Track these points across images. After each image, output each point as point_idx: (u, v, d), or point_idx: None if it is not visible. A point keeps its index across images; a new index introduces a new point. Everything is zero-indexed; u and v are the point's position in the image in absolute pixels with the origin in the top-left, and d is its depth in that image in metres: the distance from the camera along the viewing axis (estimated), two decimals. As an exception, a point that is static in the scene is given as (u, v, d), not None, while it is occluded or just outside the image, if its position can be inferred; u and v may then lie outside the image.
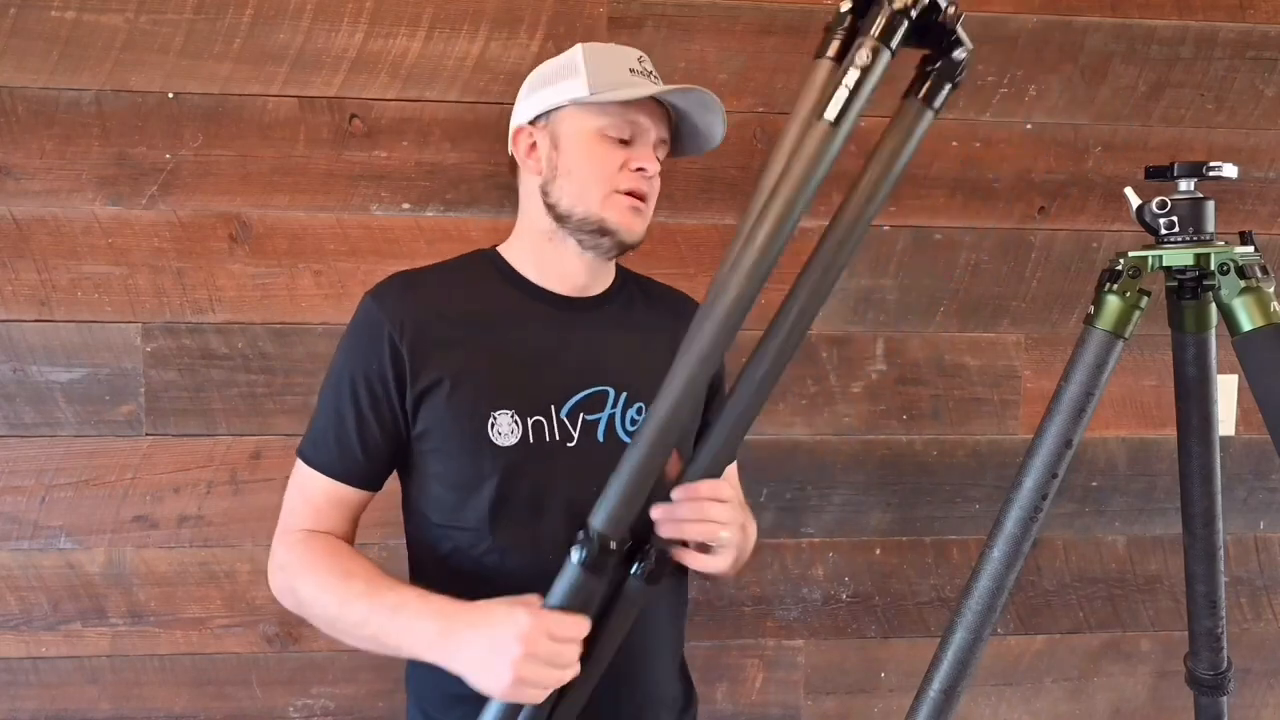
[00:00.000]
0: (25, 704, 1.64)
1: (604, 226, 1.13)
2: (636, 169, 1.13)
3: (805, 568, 1.79)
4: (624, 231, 1.13)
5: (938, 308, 1.78)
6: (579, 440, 1.12)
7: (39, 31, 1.56)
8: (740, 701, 1.79)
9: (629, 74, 1.14)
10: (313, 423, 1.14)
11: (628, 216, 1.13)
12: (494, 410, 1.09)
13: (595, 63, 1.14)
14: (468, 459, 1.10)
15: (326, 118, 1.62)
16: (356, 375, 1.11)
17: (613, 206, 1.13)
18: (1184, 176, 1.16)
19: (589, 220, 1.13)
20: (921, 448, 1.80)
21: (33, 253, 1.58)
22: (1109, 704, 1.88)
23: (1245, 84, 1.81)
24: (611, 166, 1.12)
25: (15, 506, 1.61)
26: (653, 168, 1.14)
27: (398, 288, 1.15)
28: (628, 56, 1.17)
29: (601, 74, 1.13)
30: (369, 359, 1.10)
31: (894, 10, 0.91)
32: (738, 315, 0.92)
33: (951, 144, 1.75)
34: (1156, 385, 1.82)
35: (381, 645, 1.01)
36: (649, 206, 1.16)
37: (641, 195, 1.14)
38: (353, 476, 1.12)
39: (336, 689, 1.68)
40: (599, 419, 1.14)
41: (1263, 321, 1.11)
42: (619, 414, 1.15)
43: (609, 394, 1.14)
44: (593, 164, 1.13)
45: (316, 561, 1.07)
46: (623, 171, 1.13)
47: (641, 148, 1.14)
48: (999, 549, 1.13)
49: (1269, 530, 1.89)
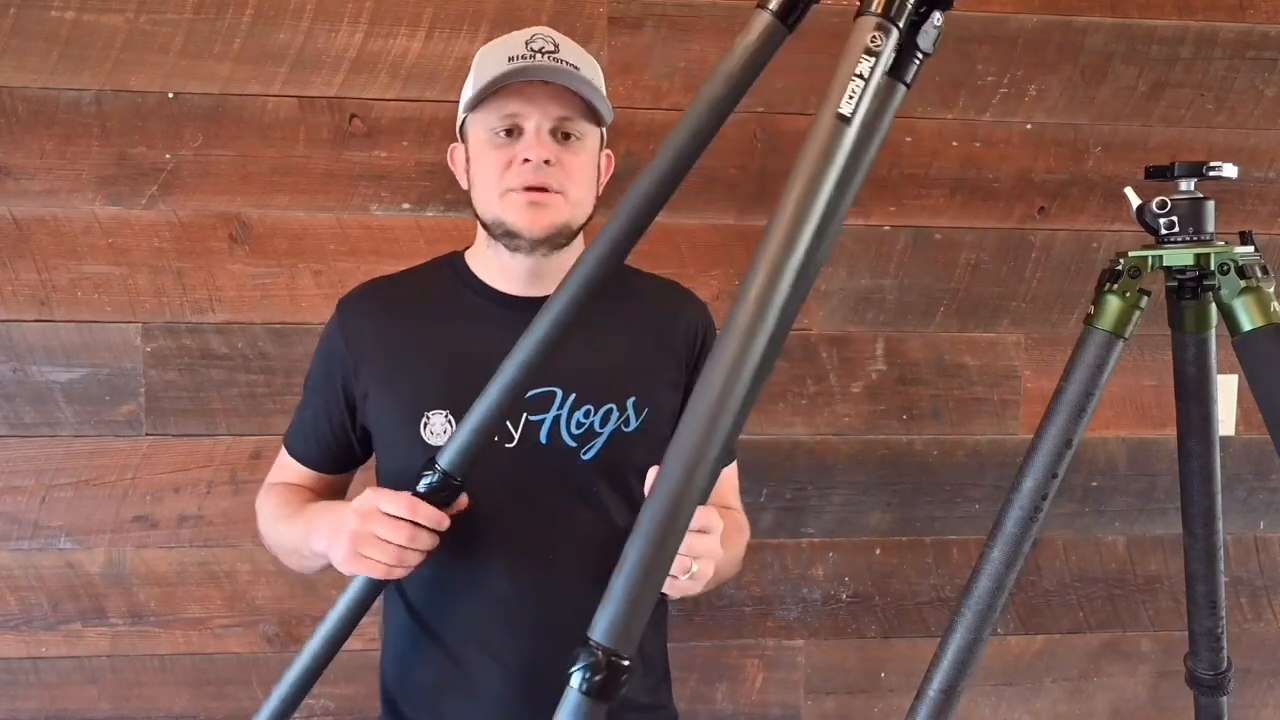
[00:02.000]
0: (25, 704, 1.64)
1: (507, 228, 1.12)
2: (524, 160, 1.10)
3: (805, 568, 1.79)
4: (525, 229, 1.11)
5: (938, 308, 1.78)
6: (520, 441, 1.12)
7: (39, 31, 1.56)
8: (740, 701, 1.79)
9: (507, 62, 1.10)
10: (296, 415, 1.27)
11: (525, 214, 1.10)
12: (427, 410, 1.12)
13: (481, 62, 1.14)
14: (402, 458, 1.13)
15: (326, 118, 1.62)
16: (316, 376, 1.23)
17: (509, 206, 1.11)
18: (1184, 176, 1.16)
19: (495, 224, 1.13)
20: (921, 448, 1.80)
21: (33, 253, 1.58)
22: (1109, 704, 1.88)
23: (1245, 84, 1.81)
24: (499, 166, 1.11)
25: (15, 506, 1.61)
26: (536, 155, 1.09)
27: (359, 294, 1.22)
28: (514, 43, 1.13)
29: (483, 73, 1.11)
30: (327, 362, 1.20)
31: None
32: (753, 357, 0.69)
33: (951, 144, 1.75)
34: (1156, 385, 1.81)
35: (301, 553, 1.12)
36: (557, 195, 1.11)
37: (537, 187, 1.09)
38: (319, 464, 1.24)
39: (336, 689, 1.68)
40: (543, 419, 1.13)
41: (1263, 321, 1.11)
42: (565, 415, 1.14)
43: (556, 394, 1.13)
44: (485, 168, 1.12)
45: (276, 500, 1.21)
46: (511, 168, 1.10)
47: (527, 136, 1.10)
48: (999, 549, 1.13)
49: (1269, 530, 1.89)
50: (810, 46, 1.72)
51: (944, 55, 1.73)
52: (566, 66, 1.10)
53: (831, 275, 1.75)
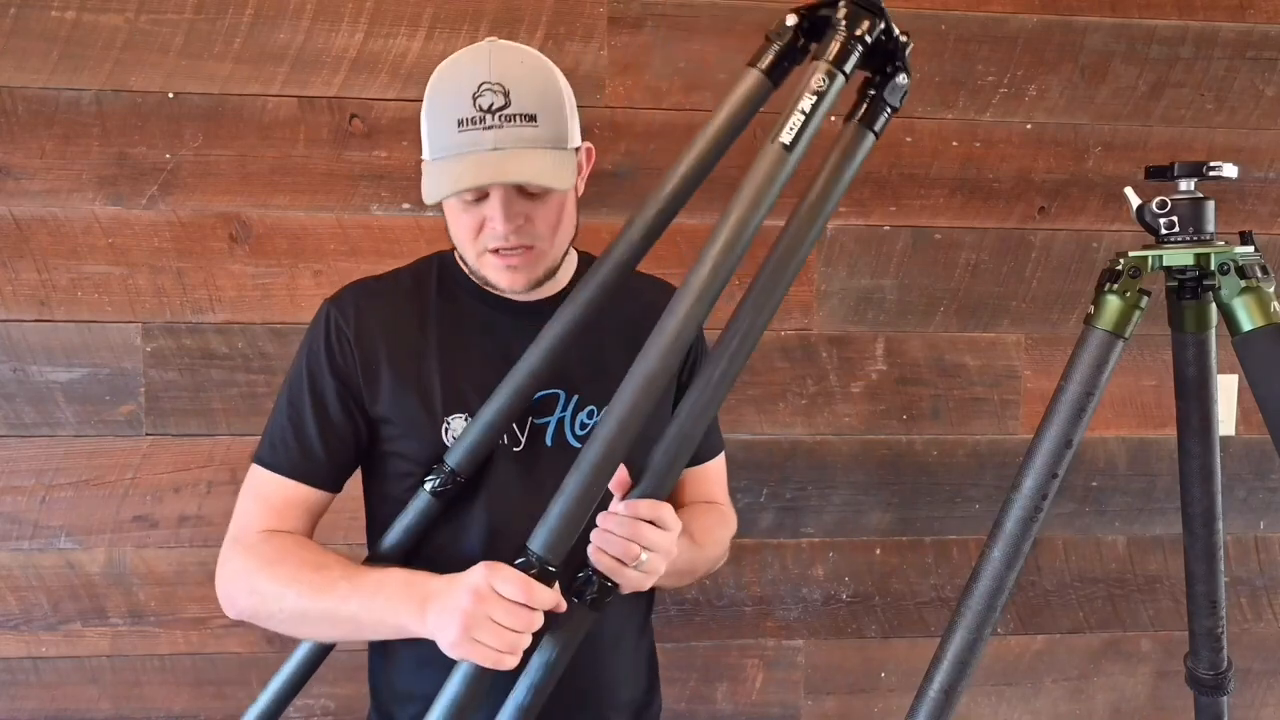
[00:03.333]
0: (25, 704, 1.64)
1: (488, 282, 1.11)
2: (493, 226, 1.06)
3: (805, 568, 1.79)
4: (506, 287, 1.10)
5: (938, 308, 1.78)
6: (526, 444, 1.12)
7: (39, 31, 1.56)
8: (740, 701, 1.79)
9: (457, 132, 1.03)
10: (269, 428, 1.14)
11: (503, 275, 1.09)
12: (449, 415, 1.10)
13: (432, 113, 1.07)
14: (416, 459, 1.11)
15: (326, 118, 1.62)
16: (316, 376, 1.12)
17: (487, 266, 1.09)
18: (1184, 176, 1.16)
19: (479, 278, 1.12)
20: (921, 448, 1.80)
21: (33, 253, 1.58)
22: (1109, 704, 1.88)
23: (1245, 84, 1.81)
24: (471, 229, 1.08)
25: (15, 506, 1.61)
26: (503, 229, 1.05)
27: (352, 293, 1.16)
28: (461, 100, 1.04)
29: (436, 130, 1.07)
30: (330, 360, 1.12)
31: (851, 36, 0.93)
32: (686, 336, 0.94)
33: (951, 144, 1.75)
34: (1156, 385, 1.82)
35: (359, 625, 1.01)
36: (531, 254, 1.08)
37: (509, 251, 1.07)
38: (313, 476, 1.11)
39: (336, 689, 1.68)
40: (548, 422, 1.13)
41: (1263, 321, 1.11)
42: (569, 417, 1.13)
43: (559, 397, 1.13)
44: (456, 228, 1.10)
45: (285, 556, 1.07)
46: (483, 231, 1.07)
47: (492, 200, 1.05)
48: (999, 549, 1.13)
49: (1269, 530, 1.89)
50: (810, 46, 1.73)
51: (944, 55, 1.74)
52: (519, 123, 1.04)
53: (831, 275, 1.75)
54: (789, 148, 0.95)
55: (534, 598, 0.91)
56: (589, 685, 1.14)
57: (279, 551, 1.08)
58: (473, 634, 0.91)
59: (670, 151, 1.69)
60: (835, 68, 0.94)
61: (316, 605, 1.03)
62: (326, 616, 1.03)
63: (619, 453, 0.93)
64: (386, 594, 0.99)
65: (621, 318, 1.16)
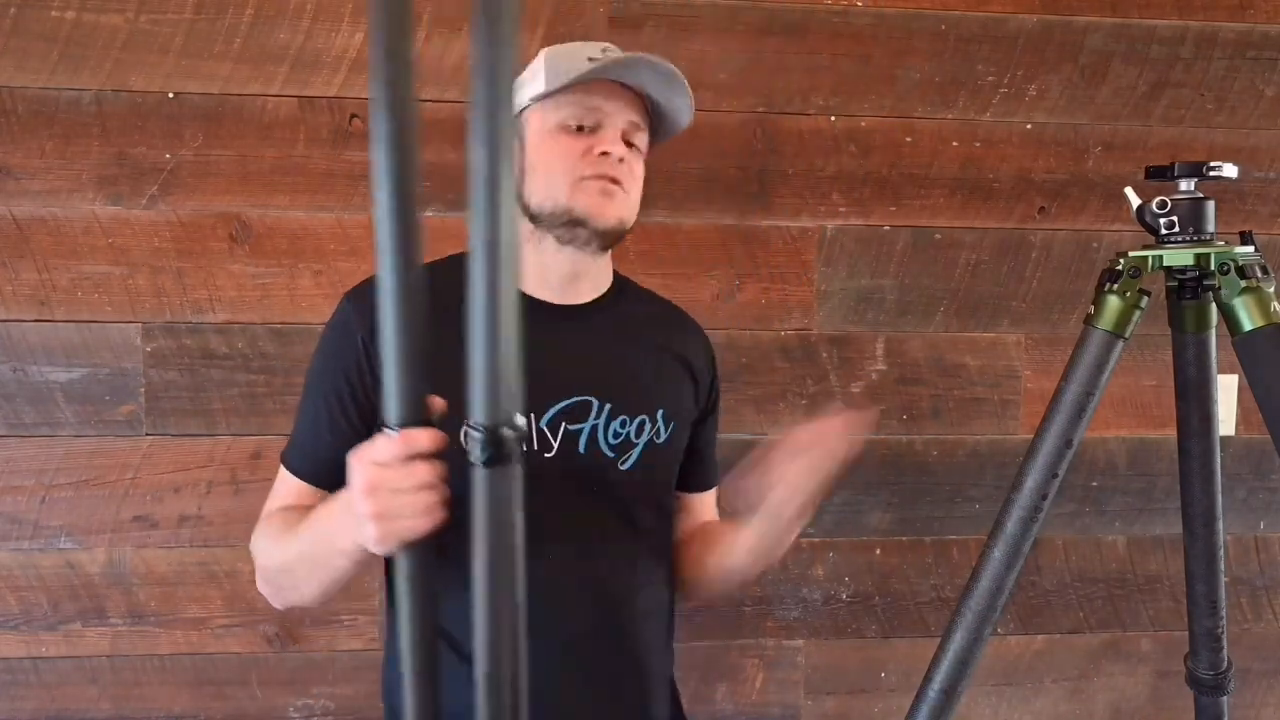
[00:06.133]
0: (25, 704, 1.64)
1: (573, 215, 1.10)
2: (601, 153, 1.09)
3: (805, 568, 1.79)
4: (595, 218, 1.09)
5: (938, 308, 1.78)
6: (559, 450, 1.10)
7: (39, 31, 1.56)
8: (740, 701, 1.79)
9: (587, 62, 1.09)
10: (294, 430, 1.14)
11: (597, 200, 1.09)
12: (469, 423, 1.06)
13: (554, 61, 1.13)
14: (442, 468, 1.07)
15: (326, 118, 1.62)
16: (334, 379, 1.10)
17: (580, 192, 1.09)
18: (1184, 176, 1.16)
19: (558, 212, 1.10)
20: (921, 448, 1.80)
21: (33, 253, 1.58)
22: (1109, 704, 1.88)
23: (1245, 84, 1.81)
24: (574, 155, 1.10)
25: (15, 506, 1.61)
26: (617, 150, 1.09)
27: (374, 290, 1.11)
28: (588, 48, 1.13)
29: (559, 69, 1.11)
30: (346, 363, 1.09)
31: None
32: None
33: (952, 144, 1.75)
34: (1156, 385, 1.81)
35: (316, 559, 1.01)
36: (625, 191, 1.11)
37: (611, 178, 1.10)
38: (330, 481, 1.08)
39: (336, 689, 1.68)
40: (581, 429, 1.11)
41: (1263, 321, 1.11)
42: (602, 425, 1.12)
43: (592, 404, 1.12)
44: (555, 156, 1.10)
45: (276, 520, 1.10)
46: (586, 158, 1.09)
47: (606, 132, 1.11)
48: (999, 549, 1.13)
49: (1269, 530, 1.89)
50: (810, 47, 1.73)
51: (944, 55, 1.74)
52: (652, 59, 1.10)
53: (831, 275, 1.75)
54: None
55: (414, 443, 0.77)
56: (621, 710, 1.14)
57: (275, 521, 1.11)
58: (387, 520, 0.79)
59: (670, 151, 1.68)
60: None
61: (289, 551, 1.04)
62: (300, 559, 1.03)
63: None
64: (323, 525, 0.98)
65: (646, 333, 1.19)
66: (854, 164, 1.73)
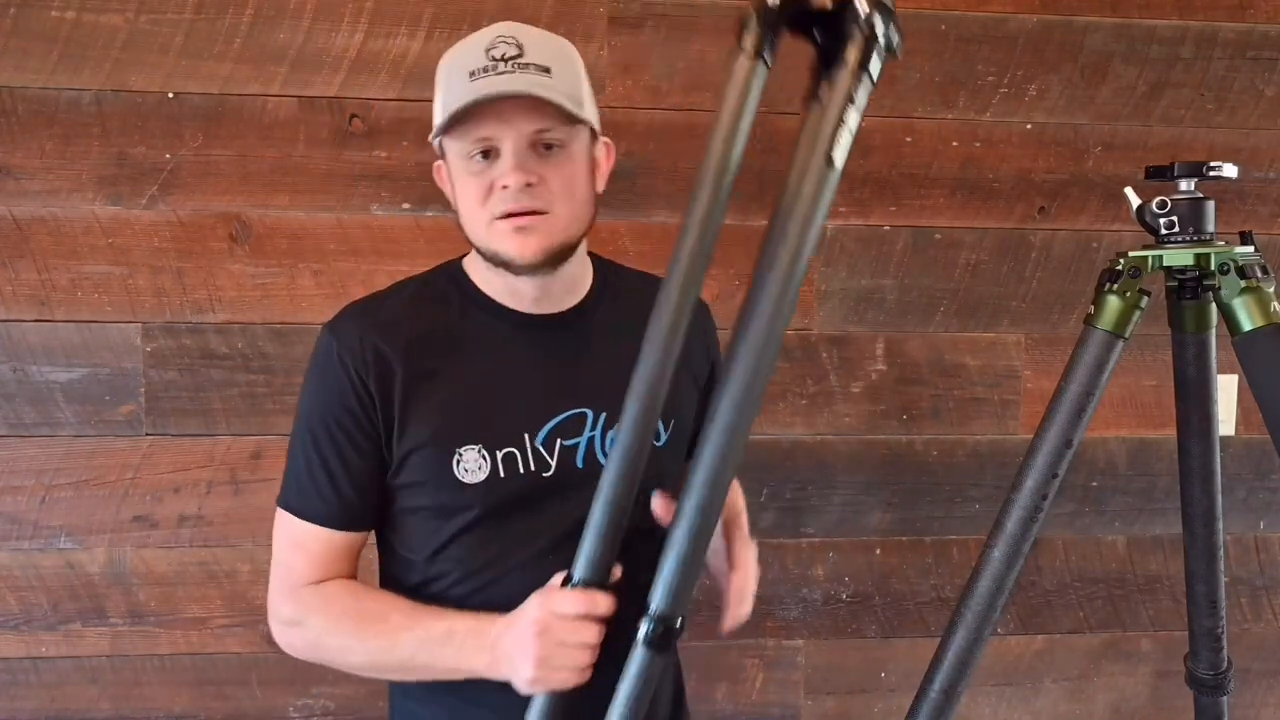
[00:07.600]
0: (25, 704, 1.64)
1: (499, 257, 1.03)
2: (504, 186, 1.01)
3: (805, 568, 1.79)
4: (516, 258, 1.02)
5: (938, 308, 1.78)
6: (557, 468, 1.06)
7: (39, 31, 1.56)
8: (740, 701, 1.79)
9: (469, 80, 0.99)
10: (290, 472, 1.08)
11: (512, 241, 1.01)
12: (459, 447, 1.03)
13: (446, 77, 1.04)
14: (437, 497, 1.05)
15: (326, 118, 1.62)
16: (329, 416, 1.05)
17: (496, 235, 1.02)
18: (1184, 176, 1.16)
19: (488, 254, 1.05)
20: (921, 448, 1.80)
21: (33, 253, 1.58)
22: (1109, 704, 1.89)
23: (1245, 84, 1.81)
24: (480, 194, 1.02)
25: (15, 506, 1.61)
26: (515, 181, 0.99)
27: (355, 319, 1.09)
28: (473, 53, 1.01)
29: (450, 90, 1.02)
30: (341, 397, 1.05)
31: (875, 40, 0.93)
32: (770, 354, 0.91)
33: (951, 144, 1.75)
34: (1156, 385, 1.81)
35: (432, 672, 1.02)
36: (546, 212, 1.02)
37: (522, 212, 1.01)
38: (350, 521, 1.06)
39: (336, 689, 1.68)
40: (577, 443, 1.07)
41: (1263, 321, 1.11)
42: (598, 436, 1.08)
43: (587, 416, 1.08)
44: (466, 197, 1.04)
45: (343, 613, 1.04)
46: (492, 195, 1.01)
47: (504, 159, 1.00)
48: (999, 549, 1.13)
49: (1269, 530, 1.89)
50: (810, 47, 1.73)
51: (944, 55, 1.74)
52: (534, 72, 1.00)
53: (831, 275, 1.75)
54: (838, 165, 0.91)
55: (595, 605, 0.91)
56: None
57: (338, 606, 1.05)
58: (547, 666, 0.92)
59: (670, 151, 1.69)
60: (864, 71, 0.93)
61: (387, 659, 1.03)
62: (398, 668, 1.04)
63: (639, 467, 0.92)
64: (456, 644, 0.99)
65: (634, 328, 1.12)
66: (854, 164, 1.71)
